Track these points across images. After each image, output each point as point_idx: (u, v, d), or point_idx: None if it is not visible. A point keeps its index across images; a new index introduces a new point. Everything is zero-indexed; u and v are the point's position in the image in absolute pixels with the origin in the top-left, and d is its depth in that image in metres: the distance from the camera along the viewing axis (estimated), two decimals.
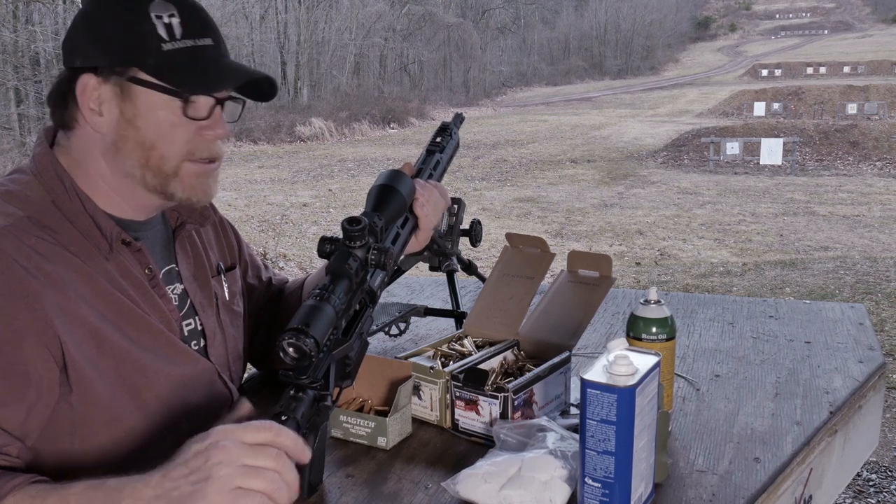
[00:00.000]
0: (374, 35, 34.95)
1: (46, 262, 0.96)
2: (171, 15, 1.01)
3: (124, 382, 1.02)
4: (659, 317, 1.20)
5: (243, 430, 0.79)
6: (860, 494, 3.14)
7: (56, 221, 1.00)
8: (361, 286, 1.00)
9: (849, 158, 16.55)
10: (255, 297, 1.35)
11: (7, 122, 17.50)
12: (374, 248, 0.99)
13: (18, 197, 1.00)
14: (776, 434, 1.19)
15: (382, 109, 25.65)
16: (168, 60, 1.00)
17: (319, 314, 0.89)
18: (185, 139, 1.03)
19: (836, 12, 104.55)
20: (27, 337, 0.92)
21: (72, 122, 1.04)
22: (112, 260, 1.03)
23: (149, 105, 1.01)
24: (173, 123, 1.02)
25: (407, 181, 1.14)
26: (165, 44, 1.00)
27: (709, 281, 6.73)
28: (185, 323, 1.14)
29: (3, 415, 0.90)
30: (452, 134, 1.33)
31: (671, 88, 42.04)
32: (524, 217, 10.46)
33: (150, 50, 0.99)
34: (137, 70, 1.00)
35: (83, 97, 1.00)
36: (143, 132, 1.02)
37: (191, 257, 1.20)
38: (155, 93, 1.00)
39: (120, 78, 1.00)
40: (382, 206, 1.09)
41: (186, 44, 1.01)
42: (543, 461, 1.00)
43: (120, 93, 1.01)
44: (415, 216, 1.18)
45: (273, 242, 8.36)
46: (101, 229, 1.02)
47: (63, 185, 1.02)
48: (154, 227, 1.14)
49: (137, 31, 0.99)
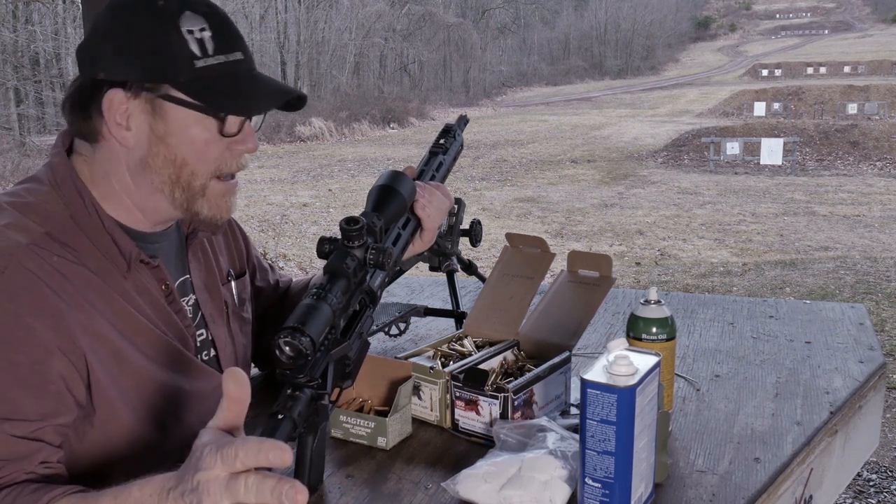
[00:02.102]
0: (374, 35, 34.96)
1: (68, 282, 0.94)
2: (203, 29, 0.97)
3: (144, 402, 1.01)
4: (659, 317, 1.20)
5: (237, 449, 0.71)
6: (860, 494, 3.14)
7: (75, 238, 0.98)
8: (361, 286, 1.00)
9: (849, 158, 16.55)
10: (262, 300, 1.35)
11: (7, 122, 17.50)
12: (373, 248, 0.98)
13: (37, 210, 0.97)
14: (776, 434, 1.19)
15: (382, 109, 25.64)
16: (201, 78, 0.97)
17: (316, 313, 0.89)
18: (216, 156, 1.01)
19: (836, 12, 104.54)
20: (56, 354, 0.91)
21: (95, 134, 1.00)
22: (130, 278, 1.02)
23: (181, 123, 0.98)
24: (207, 141, 1.00)
25: (407, 182, 1.14)
26: (198, 60, 0.96)
27: (709, 281, 6.73)
28: (197, 333, 1.14)
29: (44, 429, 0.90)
30: (456, 136, 1.33)
31: (671, 88, 42.04)
32: (524, 217, 10.46)
33: (182, 67, 0.96)
34: (169, 87, 0.96)
35: (110, 112, 0.97)
36: (175, 149, 0.99)
37: (202, 265, 1.18)
38: (188, 110, 0.97)
39: (150, 94, 0.97)
40: (382, 207, 1.09)
41: (219, 59, 0.98)
42: (543, 461, 1.00)
43: (150, 109, 0.97)
44: (417, 217, 1.18)
45: (273, 242, 8.37)
46: (120, 248, 1.01)
47: (82, 201, 1.00)
48: (168, 238, 1.13)
49: (168, 47, 0.95)
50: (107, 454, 1.00)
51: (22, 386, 0.89)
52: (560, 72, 54.52)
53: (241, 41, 1.03)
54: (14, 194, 1.00)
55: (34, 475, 0.89)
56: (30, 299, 0.90)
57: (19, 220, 0.95)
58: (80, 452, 0.98)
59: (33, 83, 18.69)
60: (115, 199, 1.03)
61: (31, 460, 0.89)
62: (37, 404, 0.90)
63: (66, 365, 0.92)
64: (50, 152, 1.05)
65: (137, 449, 1.02)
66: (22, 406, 0.89)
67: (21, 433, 0.88)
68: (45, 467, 0.90)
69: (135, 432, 1.01)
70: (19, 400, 0.89)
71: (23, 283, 0.90)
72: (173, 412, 1.05)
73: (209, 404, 1.11)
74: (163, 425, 1.04)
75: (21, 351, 0.89)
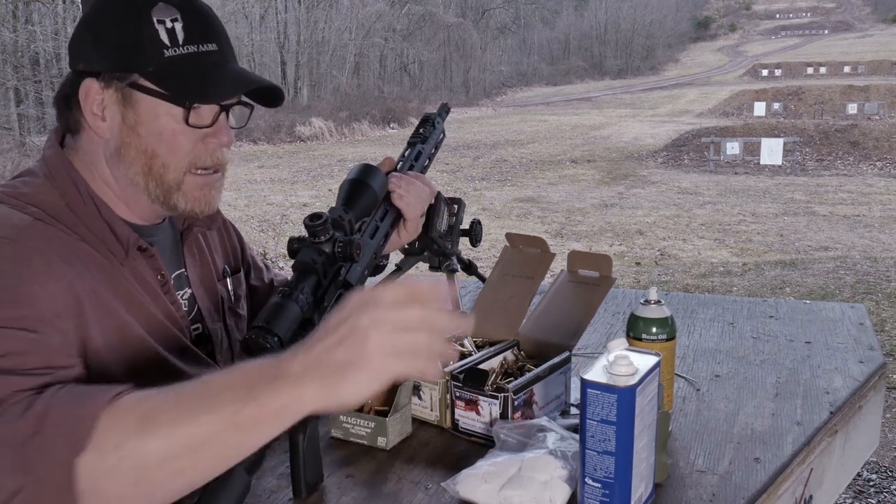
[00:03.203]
0: (374, 35, 34.96)
1: (74, 255, 0.96)
2: (175, 20, 0.99)
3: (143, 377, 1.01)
4: (659, 317, 1.20)
5: (382, 290, 0.72)
6: (860, 495, 3.14)
7: (74, 225, 0.99)
8: (335, 281, 1.00)
9: (849, 158, 16.55)
10: (257, 299, 1.35)
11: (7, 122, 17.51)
12: (340, 241, 0.98)
13: (33, 200, 0.98)
14: (776, 434, 1.19)
15: (382, 109, 25.65)
16: (169, 67, 0.98)
17: (283, 311, 0.89)
18: (187, 148, 1.01)
19: (836, 12, 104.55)
20: (65, 316, 0.91)
21: (77, 125, 1.03)
22: (127, 266, 1.02)
23: (150, 112, 0.99)
24: (175, 131, 1.00)
25: (377, 175, 1.14)
26: (167, 50, 0.98)
27: (709, 281, 6.73)
28: (192, 328, 1.14)
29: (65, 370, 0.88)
30: (436, 124, 1.32)
31: (671, 88, 42.04)
32: (524, 217, 10.46)
33: (152, 56, 0.97)
34: (138, 76, 0.98)
35: (86, 101, 0.99)
36: (145, 139, 1.00)
37: (198, 261, 1.19)
38: (156, 100, 0.99)
39: (121, 83, 0.99)
40: (350, 201, 1.10)
41: (189, 49, 0.99)
42: (543, 461, 1.00)
43: (121, 98, 0.99)
44: (396, 209, 1.18)
45: (273, 242, 8.36)
46: (118, 235, 1.01)
47: (77, 189, 1.01)
48: (163, 232, 1.13)
49: (139, 37, 0.97)
50: None
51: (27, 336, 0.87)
52: (560, 72, 54.53)
53: (219, 34, 1.03)
54: (10, 186, 1.01)
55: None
56: (39, 264, 0.91)
57: (20, 207, 0.97)
58: None
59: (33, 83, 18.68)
60: (102, 190, 1.04)
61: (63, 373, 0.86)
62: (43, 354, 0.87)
63: (74, 327, 0.92)
64: (43, 146, 1.07)
65: None
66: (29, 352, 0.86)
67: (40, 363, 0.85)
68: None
69: None
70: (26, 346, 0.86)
71: (32, 252, 0.91)
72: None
73: None
74: None
75: (28, 308, 0.88)
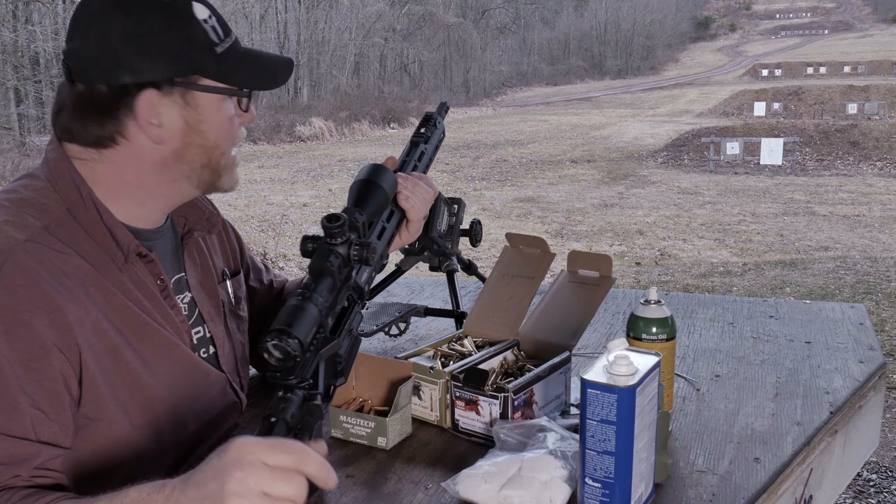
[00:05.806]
0: (374, 35, 34.96)
1: (66, 276, 0.94)
2: (211, 17, 1.01)
3: (137, 402, 1.01)
4: (659, 317, 1.20)
5: (268, 449, 0.74)
6: (860, 495, 3.14)
7: (72, 231, 0.98)
8: (347, 283, 0.99)
9: (849, 158, 16.54)
10: (257, 301, 1.35)
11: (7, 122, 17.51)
12: (356, 243, 0.98)
13: (34, 205, 0.98)
14: (776, 434, 1.19)
15: (382, 109, 25.65)
16: (225, 62, 1.02)
17: (302, 314, 0.88)
18: (237, 131, 1.07)
19: (836, 12, 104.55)
20: (55, 352, 0.91)
21: (111, 139, 1.00)
22: (126, 271, 1.02)
23: (211, 107, 1.02)
24: (233, 119, 1.06)
25: (388, 175, 1.14)
26: (217, 46, 1.01)
27: (709, 281, 6.73)
28: (194, 331, 1.14)
29: (47, 430, 0.89)
30: (437, 124, 1.32)
31: (671, 88, 42.04)
32: (524, 217, 10.46)
33: (207, 55, 1.00)
34: (198, 77, 1.00)
35: (147, 113, 0.98)
36: (208, 134, 1.03)
37: (198, 265, 1.19)
38: (217, 95, 1.02)
39: (183, 88, 0.99)
40: (363, 202, 1.09)
41: (228, 43, 1.03)
42: (543, 461, 1.00)
43: (183, 102, 1.00)
44: (401, 209, 1.18)
45: (273, 242, 8.36)
46: (118, 241, 1.01)
47: (79, 194, 1.00)
48: (164, 236, 1.13)
49: (191, 39, 0.99)
50: (96, 455, 0.98)
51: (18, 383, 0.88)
52: (560, 72, 54.53)
53: None
54: (11, 191, 1.01)
55: (30, 482, 0.87)
56: (27, 295, 0.90)
57: (16, 215, 0.96)
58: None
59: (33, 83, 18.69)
60: (120, 196, 1.03)
61: (28, 465, 0.87)
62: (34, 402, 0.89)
63: (62, 362, 0.92)
64: (46, 149, 1.05)
65: (130, 449, 1.01)
66: (19, 404, 0.88)
67: (18, 432, 0.87)
68: (43, 473, 0.88)
69: (125, 432, 1.00)
70: (17, 398, 0.88)
71: (20, 280, 0.90)
72: (168, 413, 1.05)
73: (206, 399, 1.11)
74: (157, 426, 1.04)
75: (18, 348, 0.88)
